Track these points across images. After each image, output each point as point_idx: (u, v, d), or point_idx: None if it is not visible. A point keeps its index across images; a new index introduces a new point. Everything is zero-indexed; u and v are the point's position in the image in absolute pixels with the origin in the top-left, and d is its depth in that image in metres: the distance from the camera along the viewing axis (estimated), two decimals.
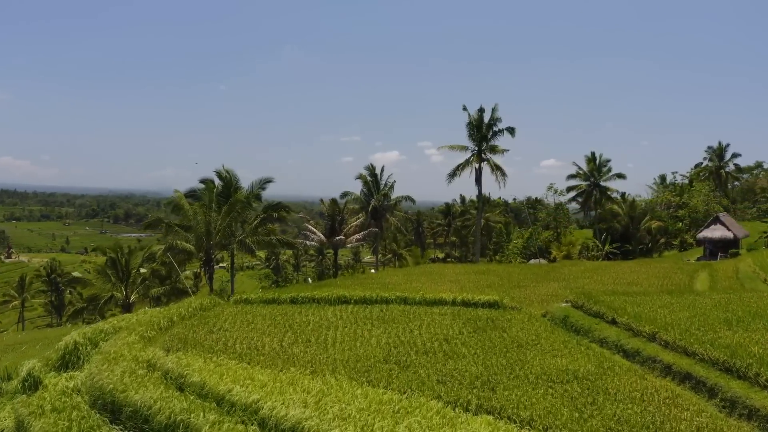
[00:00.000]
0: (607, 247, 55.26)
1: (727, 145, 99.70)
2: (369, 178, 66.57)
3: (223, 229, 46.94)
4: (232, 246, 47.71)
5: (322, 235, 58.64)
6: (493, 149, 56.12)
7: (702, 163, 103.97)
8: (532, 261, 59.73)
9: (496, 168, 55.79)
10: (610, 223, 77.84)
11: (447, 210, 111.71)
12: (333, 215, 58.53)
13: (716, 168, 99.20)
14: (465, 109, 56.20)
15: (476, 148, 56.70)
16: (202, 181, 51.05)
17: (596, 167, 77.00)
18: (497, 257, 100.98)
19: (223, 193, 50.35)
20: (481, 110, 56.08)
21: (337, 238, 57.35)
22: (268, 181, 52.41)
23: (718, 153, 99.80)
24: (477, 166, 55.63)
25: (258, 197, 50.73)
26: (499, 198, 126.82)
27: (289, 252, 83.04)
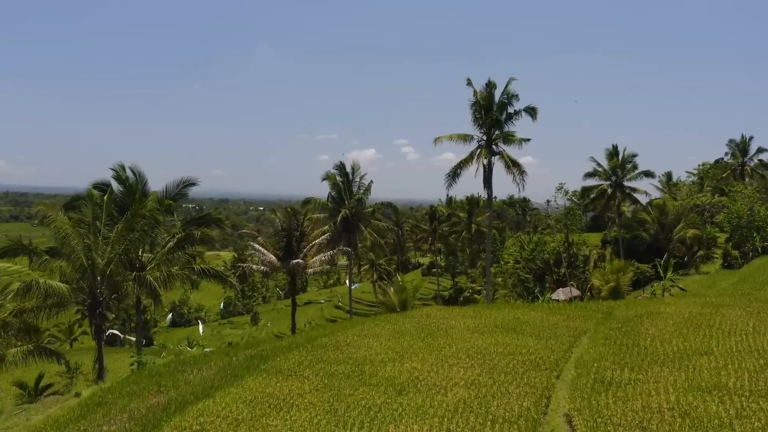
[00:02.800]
0: (669, 276, 39.10)
1: (751, 137, 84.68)
2: (339, 178, 49.94)
3: (117, 258, 29.92)
4: (123, 286, 30.58)
5: (273, 257, 41.88)
6: (508, 138, 39.52)
7: (722, 159, 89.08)
8: (561, 296, 43.38)
9: (512, 164, 39.28)
10: (636, 232, 62.32)
11: (432, 214, 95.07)
12: (289, 229, 41.62)
13: (740, 164, 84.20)
14: (469, 83, 39.55)
15: (484, 138, 39.97)
16: (95, 186, 33.91)
17: (619, 163, 61.15)
18: (492, 269, 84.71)
19: (122, 203, 33.45)
20: (491, 85, 39.33)
21: (294, 261, 40.58)
22: (191, 184, 35.51)
23: (741, 147, 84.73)
24: (486, 161, 38.98)
25: (169, 210, 33.95)
26: (498, 200, 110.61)
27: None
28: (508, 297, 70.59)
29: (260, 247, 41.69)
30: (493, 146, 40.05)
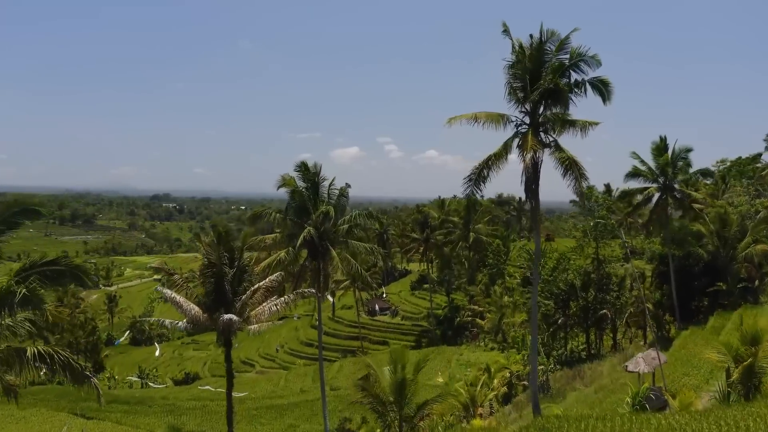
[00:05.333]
0: None
1: None
2: (301, 184, 34.09)
3: None
4: None
5: (196, 308, 26.19)
6: (564, 121, 24.00)
7: (762, 154, 74.42)
8: (642, 366, 27.87)
9: (571, 164, 23.68)
10: (691, 249, 47.38)
11: (423, 220, 79.32)
12: (219, 266, 25.78)
13: None
14: (505, 31, 23.39)
15: (527, 120, 24.35)
16: None
17: (669, 161, 46.01)
18: (496, 288, 69.31)
19: None
20: (546, 35, 23.29)
21: (226, 317, 24.89)
22: (29, 209, 19.75)
23: None
24: (532, 155, 23.00)
25: None
26: (486, 199, 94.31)
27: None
28: (523, 330, 55.26)
29: (174, 295, 25.75)
30: (543, 132, 24.36)
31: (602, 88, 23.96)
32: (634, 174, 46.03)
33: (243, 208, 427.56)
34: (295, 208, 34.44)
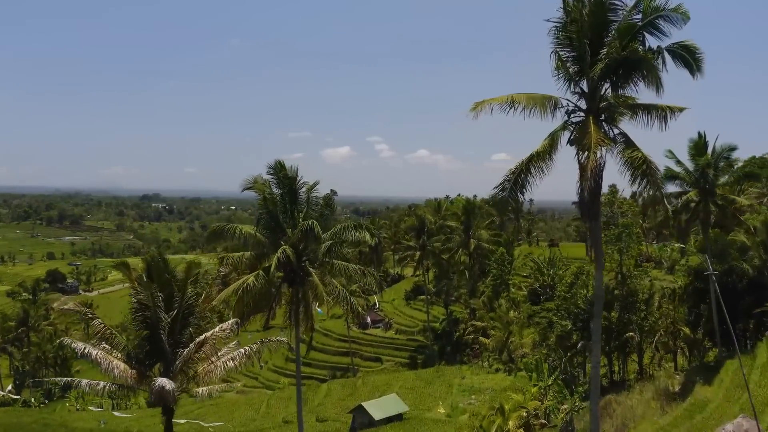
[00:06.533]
0: None
1: None
2: (275, 190, 26.76)
3: None
4: None
5: (123, 364, 18.82)
6: (636, 107, 16.74)
7: None
8: None
9: (647, 167, 16.45)
10: (734, 264, 40.38)
11: (419, 226, 71.82)
12: (153, 308, 18.41)
13: None
14: None
15: (583, 102, 16.99)
16: None
17: (711, 162, 38.91)
18: (501, 301, 62.01)
19: None
20: None
21: (159, 384, 17.58)
22: None
23: None
24: (597, 154, 15.56)
25: None
26: (479, 199, 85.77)
27: None
28: (537, 355, 47.96)
29: (87, 348, 18.27)
30: (608, 117, 16.98)
31: (688, 57, 16.60)
32: (669, 177, 38.82)
33: (233, 208, 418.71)
34: (268, 221, 27.04)
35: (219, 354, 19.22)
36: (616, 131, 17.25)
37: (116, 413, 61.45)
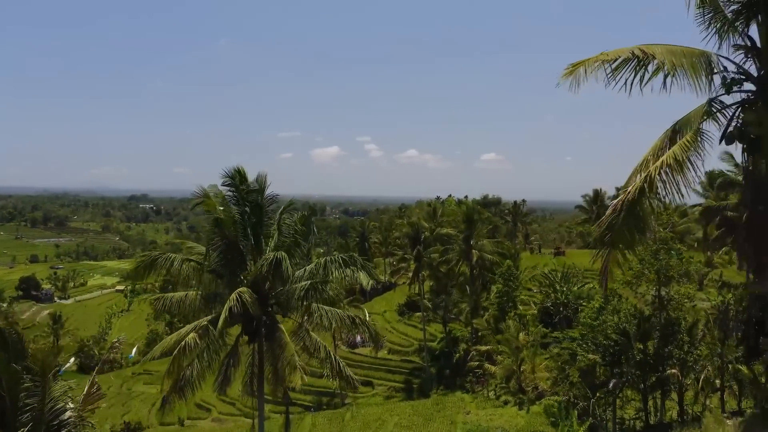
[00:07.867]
0: None
1: None
2: (233, 209, 19.15)
3: None
4: None
5: None
6: None
7: None
8: None
9: None
10: None
11: (414, 235, 64.00)
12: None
13: None
14: None
15: (751, 65, 9.84)
16: None
17: None
18: (509, 322, 54.26)
19: None
20: None
21: None
22: None
23: None
24: None
25: None
26: (473, 200, 78.27)
27: None
28: (559, 394, 40.35)
29: None
30: None
31: None
32: (726, 184, 31.44)
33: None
34: (222, 251, 19.22)
35: None
36: None
37: None
